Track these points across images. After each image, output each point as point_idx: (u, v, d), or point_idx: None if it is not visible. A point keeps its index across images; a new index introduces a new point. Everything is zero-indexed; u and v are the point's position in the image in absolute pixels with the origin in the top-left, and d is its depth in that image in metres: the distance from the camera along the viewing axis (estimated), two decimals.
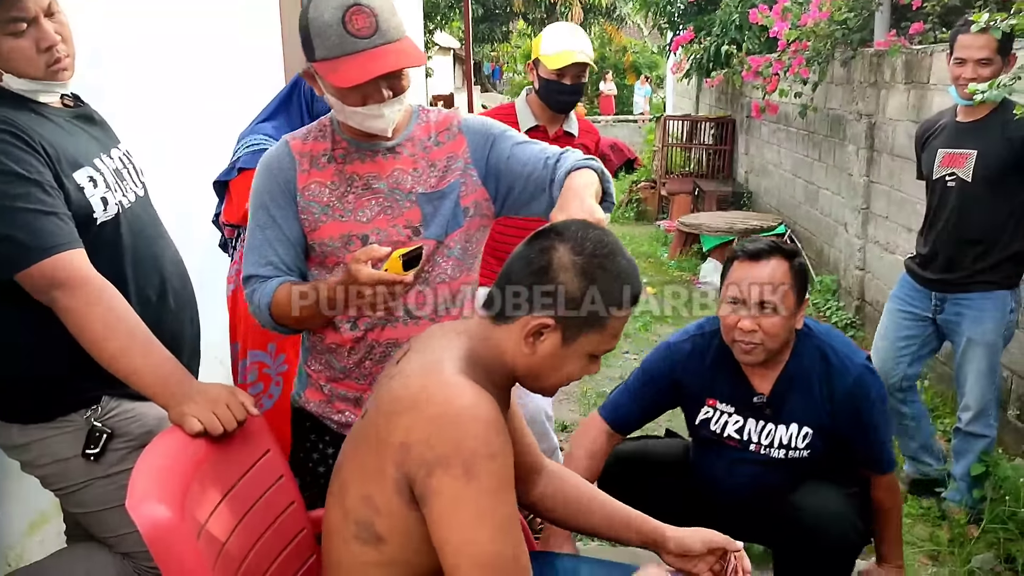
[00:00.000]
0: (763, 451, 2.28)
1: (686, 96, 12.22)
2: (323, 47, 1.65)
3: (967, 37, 2.86)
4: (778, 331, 2.14)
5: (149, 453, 1.46)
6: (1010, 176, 2.91)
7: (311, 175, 1.81)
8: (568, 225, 1.43)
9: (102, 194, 1.76)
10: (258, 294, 1.79)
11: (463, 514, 1.28)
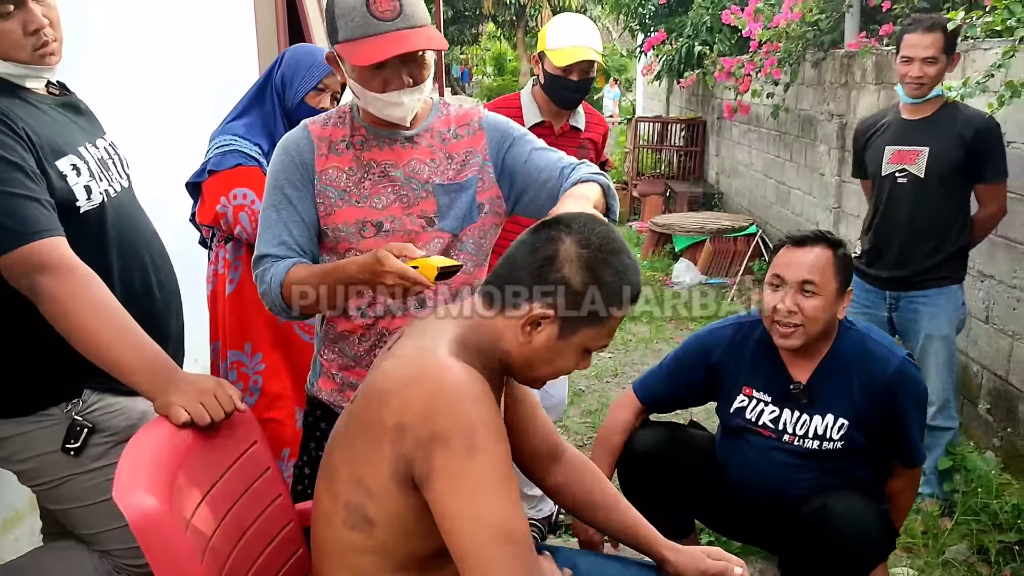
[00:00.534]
0: (797, 442, 2.27)
1: (656, 98, 12.30)
2: (346, 28, 1.65)
3: (913, 36, 2.95)
4: (818, 314, 2.14)
5: (135, 443, 1.43)
6: (960, 173, 2.99)
7: (329, 159, 1.81)
8: (576, 217, 1.43)
9: (86, 182, 1.73)
10: (270, 273, 1.75)
11: (464, 488, 1.26)
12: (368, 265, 1.59)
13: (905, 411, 2.22)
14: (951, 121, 2.99)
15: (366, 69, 1.67)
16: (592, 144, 3.03)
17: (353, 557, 1.38)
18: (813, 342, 2.22)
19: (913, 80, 2.96)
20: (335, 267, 1.69)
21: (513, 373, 1.48)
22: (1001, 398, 3.57)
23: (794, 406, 2.28)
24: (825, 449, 2.25)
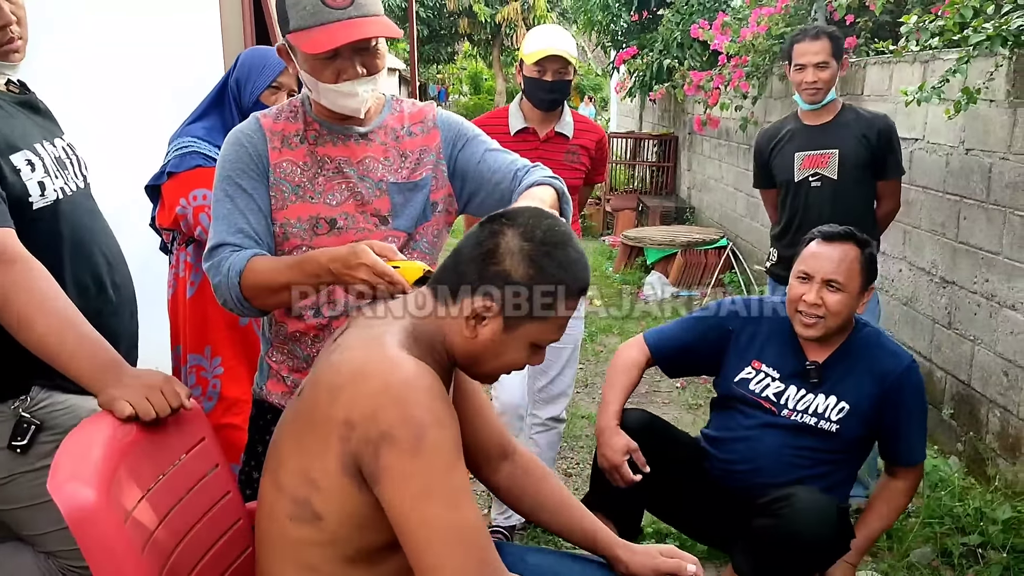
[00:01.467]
0: (794, 416, 2.31)
1: (629, 115, 12.39)
2: (297, 17, 1.63)
3: (803, 44, 3.11)
4: (841, 309, 2.24)
5: (75, 435, 1.40)
6: (866, 170, 3.12)
7: (283, 153, 1.77)
8: (522, 211, 1.42)
9: (39, 178, 1.71)
10: (227, 263, 1.67)
11: (415, 486, 1.25)
12: (342, 257, 1.55)
13: (911, 408, 2.29)
14: (854, 122, 3.13)
15: (318, 59, 1.65)
16: (583, 150, 3.04)
17: (299, 550, 1.36)
18: (833, 332, 2.31)
19: (809, 86, 3.09)
20: (304, 258, 1.63)
21: (461, 367, 1.47)
22: (964, 403, 3.60)
23: (801, 384, 2.34)
24: (819, 428, 2.28)
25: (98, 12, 3.01)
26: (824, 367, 2.32)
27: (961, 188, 3.59)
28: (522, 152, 2.92)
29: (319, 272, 1.58)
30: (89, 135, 2.83)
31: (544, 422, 3.27)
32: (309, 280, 1.61)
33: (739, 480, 2.34)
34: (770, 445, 2.32)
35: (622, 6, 8.74)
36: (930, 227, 3.86)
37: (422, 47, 21.00)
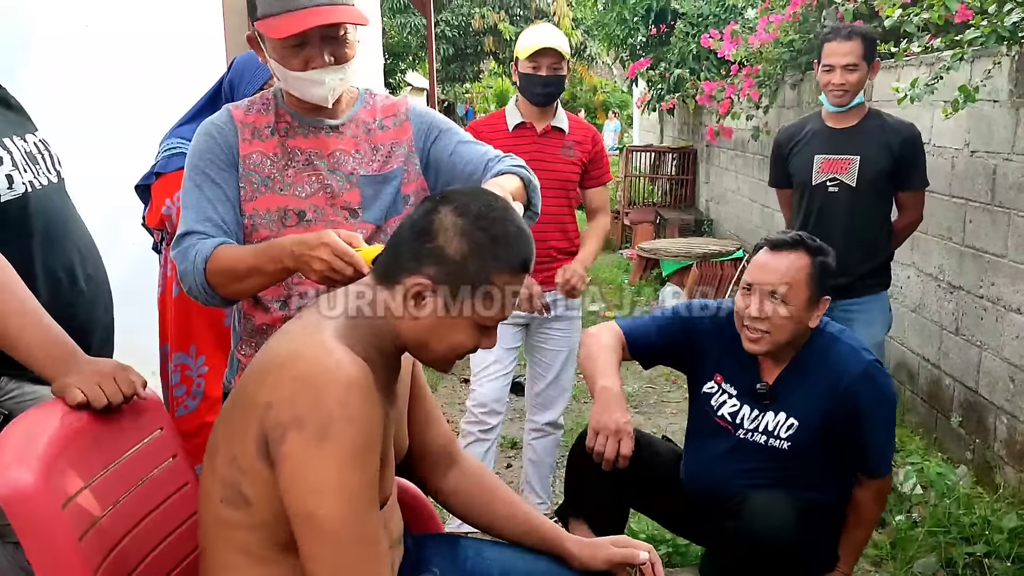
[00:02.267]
0: (747, 435, 2.25)
1: (651, 130, 12.37)
2: (265, 4, 1.65)
3: (833, 44, 2.97)
4: (784, 323, 2.10)
5: (21, 419, 1.40)
6: (887, 180, 3.02)
7: (253, 144, 1.77)
8: (457, 190, 1.43)
9: (7, 171, 1.73)
10: (194, 250, 1.67)
11: (310, 477, 1.22)
12: (305, 239, 1.54)
13: (868, 414, 2.15)
14: (878, 130, 3.02)
15: (286, 47, 1.66)
16: (578, 144, 3.06)
17: (233, 534, 1.34)
18: (782, 347, 2.19)
19: (836, 87, 2.98)
20: (269, 243, 1.63)
21: (411, 353, 1.45)
22: (972, 410, 3.52)
23: (754, 404, 2.26)
24: (771, 446, 2.21)
25: (104, 17, 3.06)
26: (777, 386, 2.23)
27: (966, 191, 3.52)
28: (520, 146, 2.94)
29: (281, 256, 1.58)
30: (94, 137, 2.89)
31: (541, 427, 3.25)
32: (272, 264, 1.60)
33: (708, 495, 2.31)
34: (725, 467, 2.27)
35: (639, 20, 8.73)
36: (937, 232, 3.79)
37: (448, 66, 21.08)
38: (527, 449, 3.33)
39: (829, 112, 3.09)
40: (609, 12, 9.29)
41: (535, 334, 3.15)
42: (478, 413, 3.07)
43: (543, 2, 20.49)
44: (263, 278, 1.65)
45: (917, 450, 3.76)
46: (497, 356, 3.06)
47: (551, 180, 3.00)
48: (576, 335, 3.20)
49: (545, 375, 3.20)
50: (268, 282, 1.67)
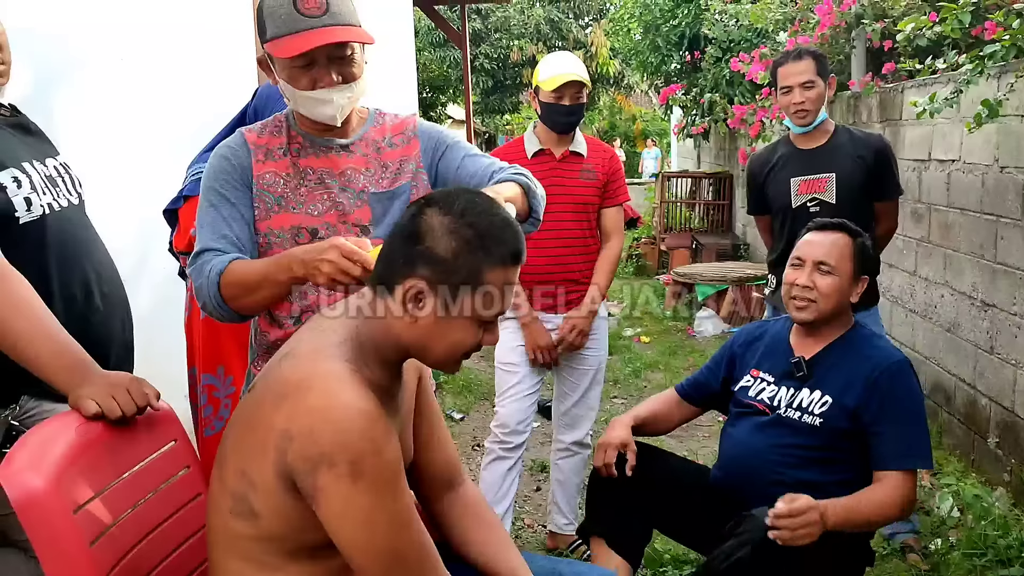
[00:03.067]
0: (783, 412, 2.28)
1: (688, 156, 12.36)
2: (273, 26, 1.69)
3: (786, 67, 3.02)
4: (831, 292, 2.26)
5: (37, 430, 1.45)
6: (864, 192, 3.02)
7: (267, 165, 1.82)
8: (440, 191, 1.45)
9: (26, 194, 1.80)
10: (209, 266, 1.71)
11: (355, 513, 1.28)
12: (315, 245, 1.58)
13: (895, 406, 2.18)
14: (849, 144, 3.03)
15: (295, 67, 1.70)
16: (597, 167, 3.08)
17: (241, 544, 1.37)
18: (824, 323, 2.29)
19: (796, 107, 2.99)
20: (281, 254, 1.66)
21: (416, 357, 1.47)
22: (1009, 431, 3.44)
23: (791, 383, 2.31)
24: (803, 422, 2.22)
25: (138, 50, 3.17)
26: (813, 362, 2.29)
27: (997, 207, 3.47)
28: (540, 171, 2.97)
29: (291, 264, 1.60)
30: (127, 164, 3.00)
31: (568, 447, 3.24)
32: (282, 273, 1.63)
33: (735, 488, 2.29)
34: (758, 446, 2.28)
35: (672, 47, 8.78)
36: (969, 249, 3.74)
37: (487, 98, 21.30)
38: (554, 469, 3.33)
39: (797, 134, 3.10)
40: (644, 40, 9.35)
41: (560, 354, 3.16)
42: (500, 434, 3.08)
43: (580, 33, 20.67)
44: (274, 288, 1.67)
45: (954, 472, 3.68)
46: (521, 378, 3.08)
47: (572, 204, 3.03)
48: (602, 354, 3.20)
49: (572, 394, 3.20)
50: (279, 292, 1.70)
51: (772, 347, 2.42)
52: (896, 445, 2.15)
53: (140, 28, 3.19)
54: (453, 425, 4.82)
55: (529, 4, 20.44)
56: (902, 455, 2.15)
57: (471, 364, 5.68)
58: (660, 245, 9.52)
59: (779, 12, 5.70)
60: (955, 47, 3.95)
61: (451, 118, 23.08)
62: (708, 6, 7.29)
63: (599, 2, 20.63)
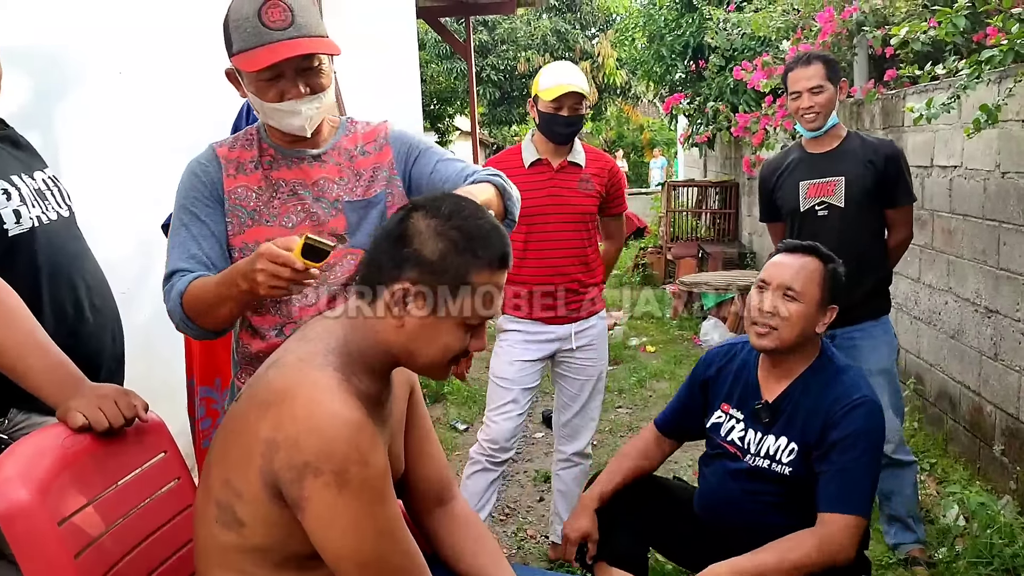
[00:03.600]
0: (753, 461, 2.21)
1: (694, 165, 12.35)
2: (239, 39, 1.68)
3: (796, 72, 3.00)
4: (795, 320, 2.11)
5: (26, 441, 1.46)
6: (874, 197, 2.98)
7: (238, 179, 1.81)
8: (426, 196, 1.45)
9: (15, 207, 1.80)
10: (174, 289, 1.71)
11: (341, 522, 1.28)
12: (249, 258, 1.55)
13: (844, 446, 2.04)
14: (859, 149, 3.00)
15: (262, 80, 1.69)
16: (596, 178, 3.07)
17: (227, 554, 1.37)
18: (789, 353, 2.17)
19: (806, 111, 2.97)
20: (228, 269, 1.64)
21: (404, 364, 1.46)
22: (1015, 438, 3.40)
23: (758, 426, 2.23)
24: (775, 472, 2.17)
25: (136, 64, 3.19)
26: (776, 405, 2.20)
27: (999, 213, 3.45)
28: (537, 183, 2.98)
29: (235, 278, 1.58)
30: (125, 179, 3.01)
31: (569, 457, 3.23)
32: (231, 288, 1.61)
33: (719, 523, 2.27)
34: (732, 494, 2.23)
35: (677, 57, 8.77)
36: (972, 255, 3.71)
37: (495, 109, 21.36)
38: (556, 480, 3.32)
39: (808, 139, 3.09)
40: (648, 50, 9.36)
41: (561, 364, 3.15)
42: (489, 448, 3.07)
43: (587, 43, 20.71)
44: (231, 303, 1.66)
45: (960, 480, 3.65)
46: (515, 396, 3.07)
47: (571, 215, 3.02)
48: (602, 363, 3.19)
49: (571, 404, 3.19)
50: (237, 307, 1.69)
51: (740, 378, 2.30)
52: (829, 487, 2.05)
53: (138, 42, 3.20)
54: (456, 436, 4.81)
55: (536, 15, 20.50)
56: (833, 498, 2.04)
57: (475, 375, 5.67)
58: (666, 254, 9.51)
59: (781, 20, 5.69)
60: (957, 52, 3.94)
61: (458, 129, 23.12)
62: (711, 15, 7.28)
63: (605, 13, 20.67)
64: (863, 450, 2.04)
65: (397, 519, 1.35)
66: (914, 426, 4.28)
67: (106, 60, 3.02)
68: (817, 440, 2.10)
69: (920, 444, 4.14)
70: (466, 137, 25.83)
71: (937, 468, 3.89)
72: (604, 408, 5.01)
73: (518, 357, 3.06)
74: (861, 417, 2.06)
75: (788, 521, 2.07)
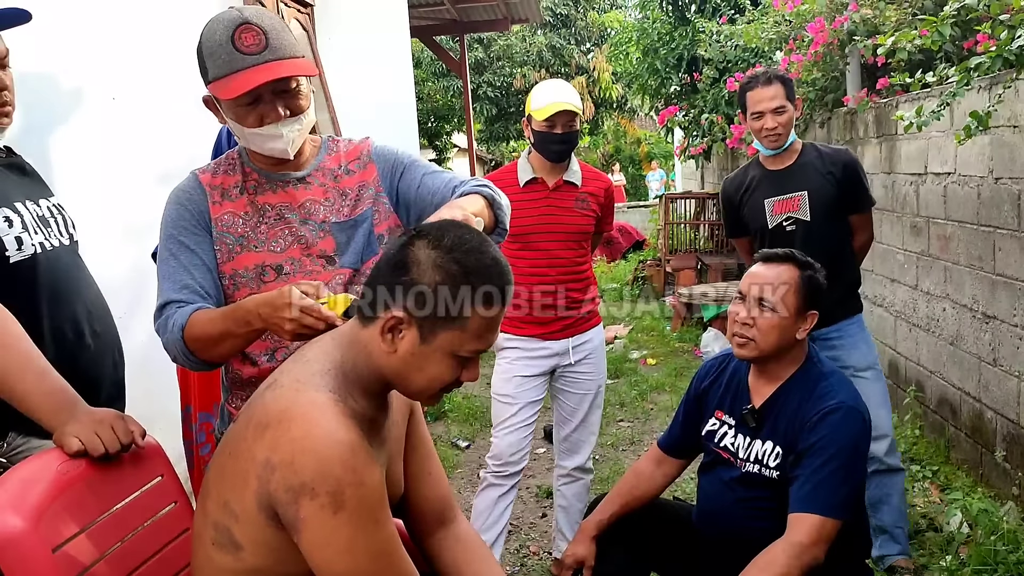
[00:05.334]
0: (744, 466, 2.22)
1: (692, 177, 12.38)
2: (215, 66, 1.66)
3: (757, 91, 3.01)
4: (770, 329, 2.16)
5: (18, 468, 1.46)
6: (837, 207, 3.04)
7: (224, 206, 1.79)
8: (431, 223, 1.44)
9: (17, 234, 1.82)
10: (171, 321, 1.68)
11: (337, 544, 1.28)
12: (269, 301, 1.54)
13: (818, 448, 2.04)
14: (817, 161, 3.05)
15: (240, 106, 1.68)
16: (592, 197, 3.08)
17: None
18: (771, 360, 2.21)
19: (770, 132, 3.00)
20: (236, 306, 1.64)
21: (396, 388, 1.46)
22: (1016, 443, 3.39)
23: (746, 431, 2.25)
24: (764, 476, 2.18)
25: (129, 90, 3.21)
26: (764, 410, 2.22)
27: (994, 218, 3.45)
28: (532, 201, 2.99)
29: (249, 319, 1.58)
30: (119, 205, 3.02)
31: (569, 472, 3.23)
32: (242, 328, 1.61)
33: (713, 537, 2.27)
34: (726, 503, 2.24)
35: (671, 69, 8.82)
36: (968, 262, 3.71)
37: (491, 126, 21.43)
38: (557, 495, 3.31)
39: (766, 156, 3.12)
40: (643, 63, 9.40)
41: (559, 379, 3.16)
42: (494, 465, 3.07)
43: (582, 58, 20.80)
44: (238, 340, 1.65)
45: (963, 487, 3.64)
46: (518, 410, 3.07)
47: (566, 233, 3.03)
48: (601, 377, 3.19)
49: (571, 419, 3.19)
50: (244, 343, 1.68)
51: (732, 385, 2.34)
52: (801, 490, 2.04)
53: (132, 68, 3.22)
54: (458, 453, 4.80)
55: (531, 32, 20.61)
56: (800, 499, 2.03)
57: (477, 391, 5.67)
58: (665, 266, 9.50)
59: (773, 32, 5.71)
60: (948, 60, 3.96)
61: (456, 146, 23.19)
62: (704, 28, 7.32)
63: (599, 28, 20.77)
64: (834, 454, 2.04)
65: (393, 540, 1.36)
66: (915, 433, 4.27)
67: (100, 86, 3.04)
68: (794, 445, 2.11)
69: (922, 451, 4.13)
70: (463, 154, 25.92)
71: (939, 475, 3.88)
72: (606, 422, 5.04)
73: (517, 373, 3.07)
74: (835, 423, 2.07)
75: (780, 525, 2.07)
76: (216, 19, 1.68)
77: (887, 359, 4.84)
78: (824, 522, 1.98)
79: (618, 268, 11.26)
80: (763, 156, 3.14)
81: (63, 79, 2.84)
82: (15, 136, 2.17)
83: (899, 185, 4.50)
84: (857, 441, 2.09)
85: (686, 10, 8.79)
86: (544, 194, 3.01)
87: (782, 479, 2.13)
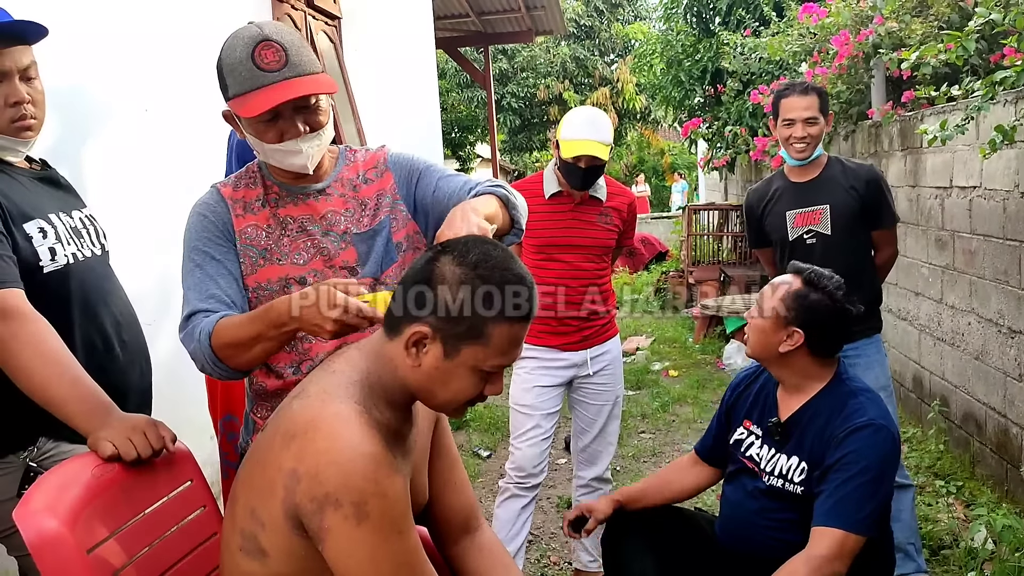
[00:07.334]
0: (768, 479, 2.22)
1: (715, 189, 12.36)
2: (235, 83, 1.67)
3: (791, 99, 3.01)
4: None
5: (54, 472, 1.50)
6: (859, 222, 3.03)
7: (246, 219, 1.80)
8: (458, 239, 1.45)
9: (51, 245, 1.86)
10: (198, 330, 1.66)
11: (360, 554, 1.30)
12: (310, 298, 1.51)
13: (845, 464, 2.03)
14: (841, 175, 3.05)
15: (260, 123, 1.69)
16: (615, 212, 3.10)
17: None
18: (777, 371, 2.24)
19: (798, 140, 3.00)
20: (267, 307, 1.60)
21: (421, 400, 1.49)
22: None
23: (772, 443, 2.26)
24: (788, 491, 2.18)
25: (162, 101, 3.27)
26: (790, 423, 2.22)
27: (1019, 233, 3.44)
28: (557, 213, 3.01)
29: (284, 320, 1.56)
30: (150, 215, 3.07)
31: (588, 483, 3.24)
32: (275, 329, 1.58)
33: (736, 548, 2.28)
34: (750, 514, 2.25)
35: (695, 81, 8.84)
36: (993, 276, 3.69)
37: (515, 136, 21.51)
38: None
39: (792, 167, 3.12)
40: (667, 75, 9.42)
41: (577, 390, 3.17)
42: (516, 476, 3.09)
43: (606, 70, 20.85)
44: (269, 343, 1.62)
45: (988, 503, 3.61)
46: (537, 421, 3.08)
47: (589, 248, 3.05)
48: (618, 387, 3.21)
49: (589, 430, 3.20)
50: (276, 347, 1.65)
51: (761, 396, 2.36)
52: (824, 505, 2.03)
53: (165, 79, 3.28)
54: (480, 463, 4.82)
55: (555, 43, 20.69)
56: (823, 513, 2.02)
57: (499, 402, 5.69)
58: (688, 278, 9.49)
59: (797, 44, 5.72)
60: (974, 73, 3.95)
61: (479, 156, 23.30)
62: (728, 41, 7.33)
63: (623, 39, 20.82)
64: (861, 470, 2.02)
65: (416, 551, 1.38)
66: (940, 448, 4.24)
67: (132, 97, 3.10)
68: (820, 460, 2.11)
69: (946, 466, 4.10)
70: (487, 164, 26.01)
71: (964, 491, 3.85)
72: (627, 433, 5.04)
73: (536, 383, 3.08)
74: (864, 439, 2.05)
75: (803, 538, 2.06)
76: (236, 35, 1.69)
77: (911, 373, 4.81)
78: (847, 537, 1.97)
79: (640, 279, 11.26)
80: (788, 168, 3.15)
81: (97, 91, 2.89)
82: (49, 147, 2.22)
83: (924, 199, 4.48)
84: (885, 458, 2.07)
85: (710, 22, 8.82)
86: (569, 207, 3.03)
87: (806, 495, 2.12)
